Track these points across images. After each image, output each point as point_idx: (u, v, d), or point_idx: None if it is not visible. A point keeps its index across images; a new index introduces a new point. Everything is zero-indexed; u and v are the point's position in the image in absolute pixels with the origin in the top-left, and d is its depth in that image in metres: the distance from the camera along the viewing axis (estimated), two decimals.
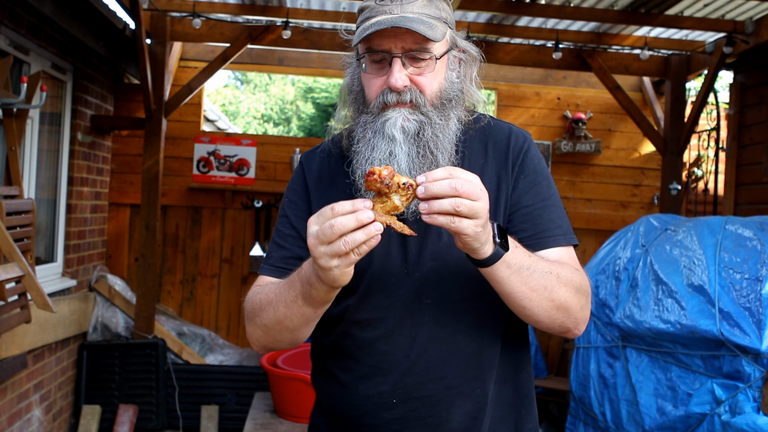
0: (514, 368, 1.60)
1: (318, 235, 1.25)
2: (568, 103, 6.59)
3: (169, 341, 5.59)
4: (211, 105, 9.00)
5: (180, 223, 6.22)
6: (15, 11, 3.92)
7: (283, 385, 3.81)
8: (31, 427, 4.58)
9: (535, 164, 1.58)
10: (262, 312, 1.50)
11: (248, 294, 1.60)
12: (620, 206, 6.59)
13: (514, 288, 1.39)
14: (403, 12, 1.45)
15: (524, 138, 1.61)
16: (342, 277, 1.29)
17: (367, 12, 1.50)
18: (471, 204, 1.24)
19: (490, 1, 4.78)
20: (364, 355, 1.53)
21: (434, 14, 1.48)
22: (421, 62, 1.48)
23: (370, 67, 1.51)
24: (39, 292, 3.57)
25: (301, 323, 1.46)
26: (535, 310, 1.42)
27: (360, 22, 1.51)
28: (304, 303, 1.41)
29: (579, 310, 1.48)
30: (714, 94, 6.22)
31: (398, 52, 1.46)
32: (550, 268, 1.43)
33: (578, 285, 1.48)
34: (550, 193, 1.57)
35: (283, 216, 1.65)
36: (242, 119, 20.62)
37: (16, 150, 3.98)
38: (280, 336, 1.51)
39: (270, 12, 5.24)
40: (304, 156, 1.71)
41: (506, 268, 1.37)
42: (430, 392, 1.50)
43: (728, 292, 3.55)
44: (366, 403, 1.53)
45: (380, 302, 1.52)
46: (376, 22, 1.45)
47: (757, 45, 5.12)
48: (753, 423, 3.27)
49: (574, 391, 4.32)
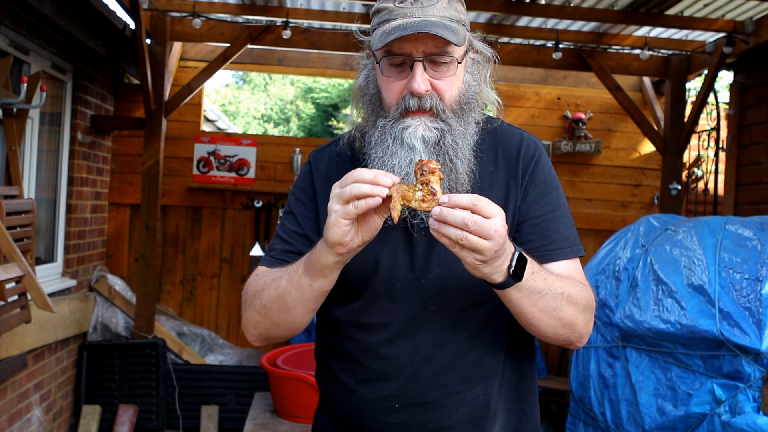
0: (518, 375, 1.60)
1: (342, 180, 1.33)
2: (568, 103, 6.59)
3: (169, 341, 5.59)
4: (211, 105, 9.00)
5: (180, 223, 6.22)
6: (15, 11, 3.92)
7: (283, 385, 3.81)
8: (31, 427, 4.58)
9: (545, 174, 1.57)
10: (264, 291, 1.51)
11: (248, 281, 1.60)
12: (620, 206, 6.59)
13: (523, 309, 1.41)
14: (425, 15, 1.42)
15: (535, 146, 1.60)
16: (334, 227, 1.32)
17: (386, 14, 1.46)
18: (476, 240, 1.25)
19: (490, 1, 4.79)
20: (367, 359, 1.53)
21: (454, 17, 1.45)
22: (441, 66, 1.46)
23: (388, 71, 1.48)
24: (39, 292, 3.57)
25: (298, 299, 1.45)
26: (542, 328, 1.44)
27: (378, 24, 1.47)
28: (304, 272, 1.43)
29: (584, 326, 1.49)
30: (714, 94, 6.21)
31: (420, 56, 1.44)
32: (562, 289, 1.43)
33: (586, 303, 1.49)
34: (558, 204, 1.57)
35: (289, 212, 1.64)
36: (242, 119, 20.62)
37: (16, 150, 3.98)
38: (278, 317, 1.50)
39: (270, 12, 5.24)
40: (312, 155, 1.69)
41: (517, 292, 1.38)
42: (432, 398, 1.50)
43: (728, 292, 3.55)
44: (368, 407, 1.53)
45: (385, 307, 1.52)
46: (399, 26, 1.41)
47: (757, 45, 5.12)
48: (753, 423, 3.27)
49: (574, 391, 4.32)
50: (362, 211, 1.30)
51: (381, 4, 1.48)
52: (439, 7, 1.44)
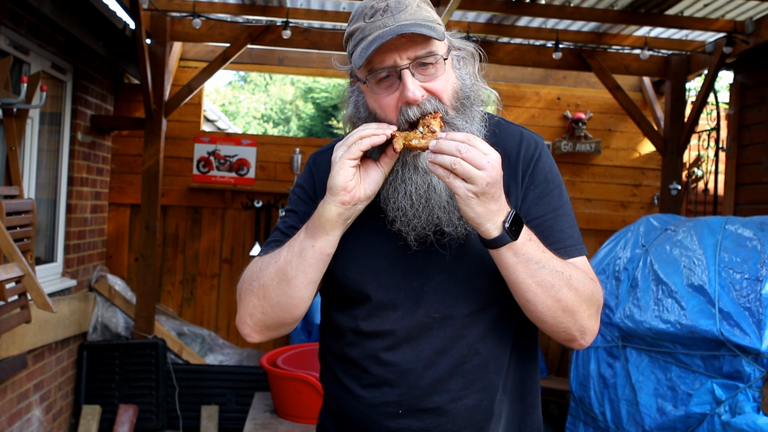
0: (522, 377, 1.59)
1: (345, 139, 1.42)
2: (568, 103, 6.59)
3: (169, 341, 5.59)
4: (211, 105, 9.00)
5: (180, 223, 6.22)
6: (15, 11, 3.92)
7: (283, 385, 3.81)
8: (31, 427, 4.58)
9: (546, 173, 1.55)
10: (262, 271, 1.52)
11: (242, 274, 1.60)
12: (620, 206, 6.59)
13: (519, 278, 1.40)
14: (398, 21, 1.39)
15: (536, 145, 1.57)
16: (340, 170, 1.39)
17: (359, 33, 1.43)
18: (468, 168, 1.30)
19: (490, 1, 4.78)
20: (370, 365, 1.52)
21: (427, 17, 1.43)
22: (429, 67, 1.43)
23: (377, 88, 1.44)
24: (39, 292, 3.57)
25: (299, 268, 1.45)
26: (539, 306, 1.42)
27: (355, 45, 1.44)
28: (305, 235, 1.46)
29: (586, 318, 1.45)
30: (714, 94, 6.21)
31: (405, 63, 1.41)
32: (563, 269, 1.42)
33: (589, 293, 1.46)
34: (561, 203, 1.54)
35: (290, 210, 1.64)
36: (242, 119, 20.62)
37: (16, 150, 3.98)
38: (278, 294, 1.48)
39: (270, 12, 5.25)
40: (313, 158, 1.67)
41: (512, 255, 1.38)
42: (436, 404, 1.49)
43: (728, 292, 3.54)
44: (372, 411, 1.52)
45: (388, 315, 1.51)
46: (376, 37, 1.38)
47: (757, 45, 5.12)
48: (753, 423, 3.27)
49: (574, 391, 4.32)
50: (366, 148, 1.36)
51: (352, 26, 1.46)
52: (410, 11, 1.41)
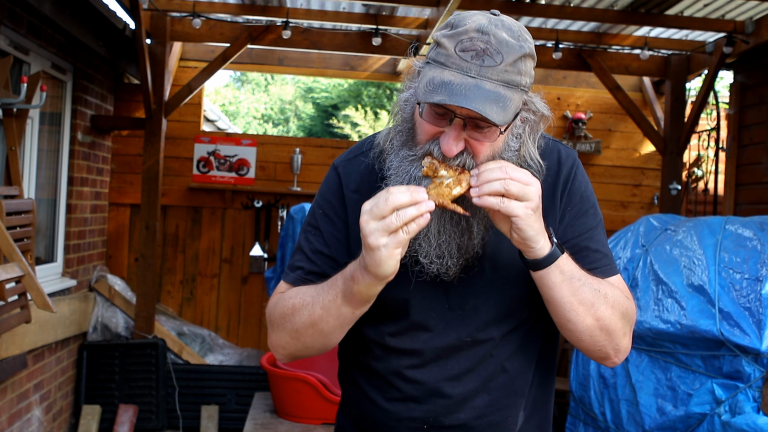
0: (543, 392, 1.59)
1: (372, 210, 1.27)
2: (568, 103, 6.59)
3: (169, 341, 5.59)
4: (211, 105, 9.00)
5: (180, 223, 6.22)
6: (15, 11, 3.92)
7: (283, 385, 3.81)
8: (31, 427, 4.58)
9: (582, 191, 1.53)
10: (295, 316, 1.45)
11: (272, 300, 1.55)
12: (620, 206, 6.59)
13: (564, 297, 1.38)
14: (481, 76, 1.28)
15: (572, 162, 1.53)
16: (388, 260, 1.27)
17: (443, 57, 1.31)
18: (521, 186, 1.28)
19: (490, 1, 4.78)
20: (397, 381, 1.51)
21: (514, 81, 1.31)
22: (484, 129, 1.34)
23: (428, 115, 1.36)
24: (39, 292, 3.57)
25: (337, 326, 1.42)
26: (579, 325, 1.41)
27: (432, 64, 1.33)
28: (343, 302, 1.38)
29: (622, 336, 1.45)
30: (714, 94, 6.21)
31: (461, 115, 1.31)
32: (599, 286, 1.42)
33: (624, 310, 1.46)
34: (596, 222, 1.54)
35: (315, 228, 1.55)
36: (242, 119, 20.62)
37: (16, 150, 3.98)
38: (312, 341, 1.46)
39: (270, 12, 5.24)
40: (341, 166, 1.58)
41: (559, 274, 1.37)
42: (461, 421, 1.49)
43: (728, 292, 3.54)
44: (396, 425, 1.51)
45: (419, 335, 1.49)
46: (448, 85, 1.28)
47: (757, 45, 5.12)
48: (753, 423, 3.27)
49: (574, 391, 4.32)
50: (414, 234, 1.28)
51: (443, 38, 1.32)
52: (500, 69, 1.29)
